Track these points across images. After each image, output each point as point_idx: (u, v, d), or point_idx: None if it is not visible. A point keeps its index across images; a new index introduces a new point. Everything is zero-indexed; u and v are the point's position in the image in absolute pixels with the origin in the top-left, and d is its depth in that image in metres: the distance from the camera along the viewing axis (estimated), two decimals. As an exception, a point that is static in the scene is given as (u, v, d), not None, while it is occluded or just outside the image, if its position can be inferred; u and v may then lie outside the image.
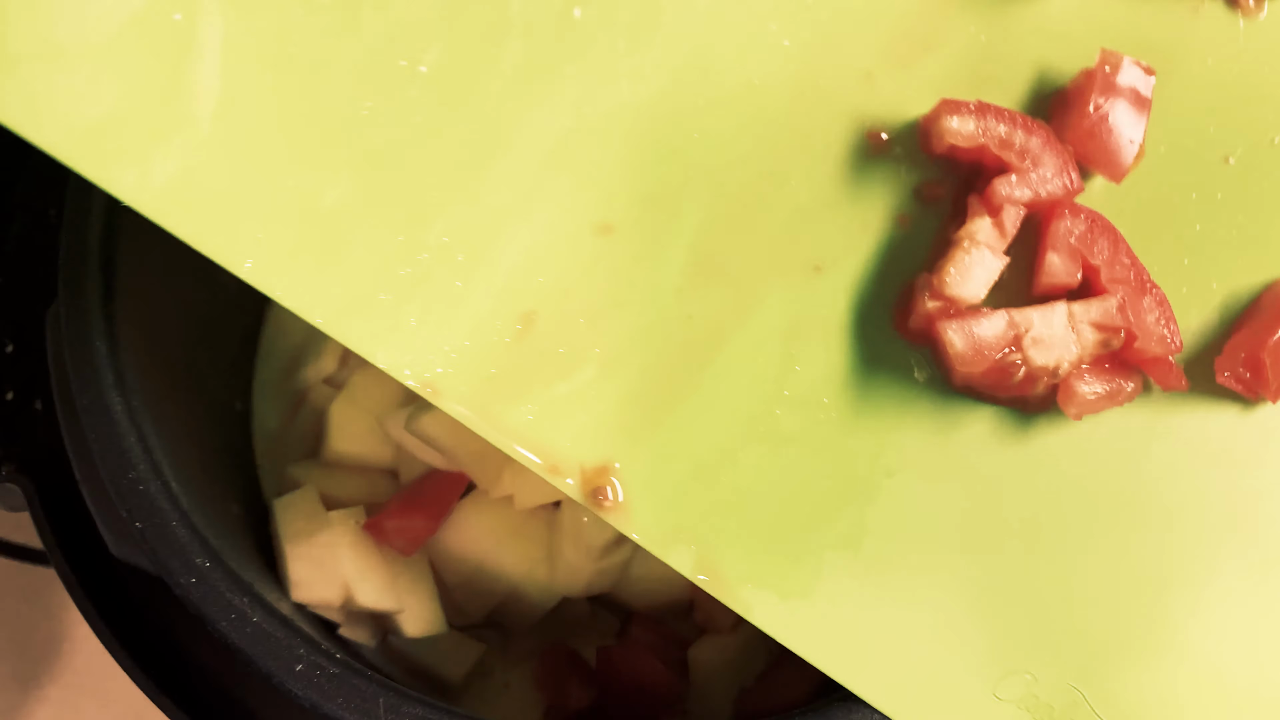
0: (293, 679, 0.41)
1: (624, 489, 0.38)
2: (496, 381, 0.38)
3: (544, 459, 0.38)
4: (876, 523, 0.39)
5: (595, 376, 0.38)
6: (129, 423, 0.44)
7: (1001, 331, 0.38)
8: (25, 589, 0.72)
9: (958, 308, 0.38)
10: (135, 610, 0.49)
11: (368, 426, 0.58)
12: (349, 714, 0.40)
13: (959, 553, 0.39)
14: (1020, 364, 0.38)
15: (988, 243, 0.39)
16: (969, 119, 0.40)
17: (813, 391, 0.39)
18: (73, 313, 0.45)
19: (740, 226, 0.40)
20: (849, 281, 0.40)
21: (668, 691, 0.55)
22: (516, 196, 0.38)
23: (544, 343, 0.38)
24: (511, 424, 0.38)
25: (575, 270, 0.39)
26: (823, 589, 0.38)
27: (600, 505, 0.38)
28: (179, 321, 0.53)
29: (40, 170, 0.56)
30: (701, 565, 0.38)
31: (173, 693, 0.47)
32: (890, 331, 0.40)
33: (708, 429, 0.39)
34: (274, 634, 0.41)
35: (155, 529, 0.43)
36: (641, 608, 0.58)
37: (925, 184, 0.41)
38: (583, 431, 0.38)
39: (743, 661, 0.57)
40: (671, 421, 0.39)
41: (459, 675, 0.55)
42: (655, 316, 0.39)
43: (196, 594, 0.42)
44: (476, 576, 0.54)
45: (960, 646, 0.39)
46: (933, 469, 0.40)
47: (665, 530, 0.38)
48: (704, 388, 0.39)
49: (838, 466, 0.39)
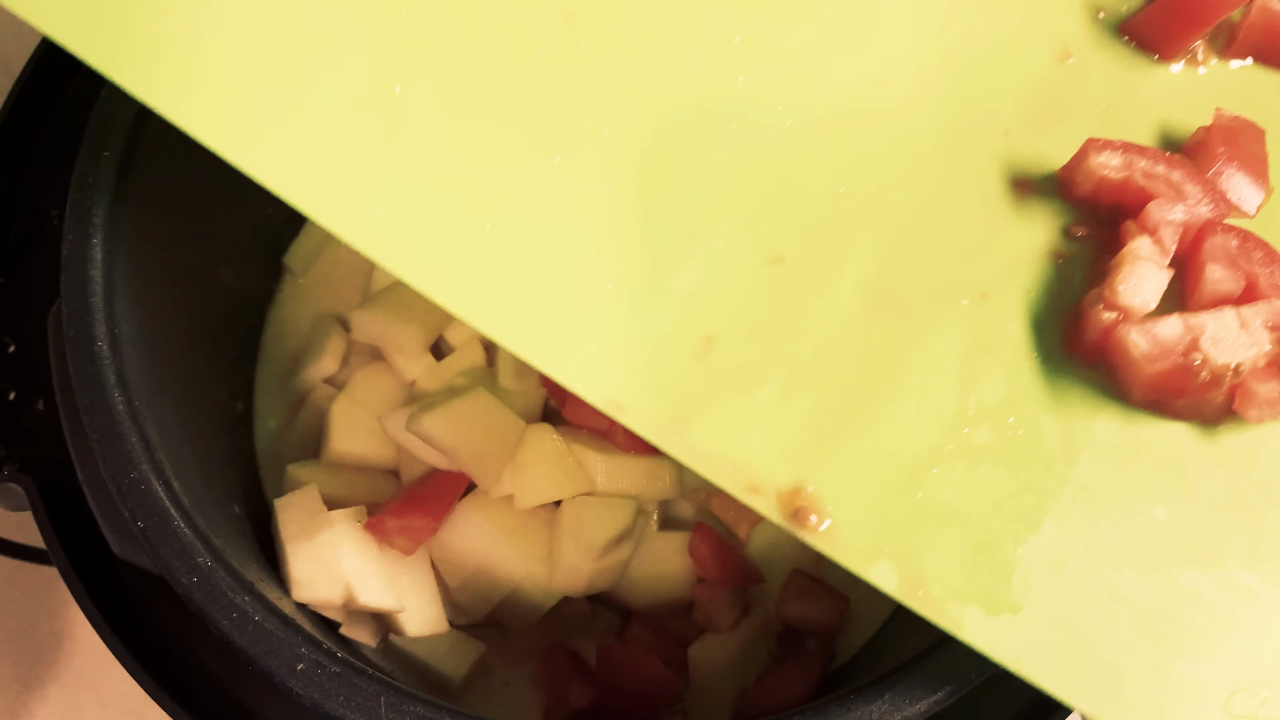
0: (294, 678, 0.41)
1: (823, 509, 0.38)
2: (680, 400, 0.39)
3: (740, 479, 0.38)
4: (1077, 535, 0.39)
5: (777, 395, 0.40)
6: (131, 423, 0.44)
7: (1180, 332, 0.40)
8: (27, 588, 0.72)
9: (1132, 316, 0.40)
10: (137, 609, 0.49)
11: (369, 426, 0.59)
12: (350, 713, 0.41)
13: (1165, 561, 0.39)
14: (1202, 363, 0.39)
15: (1150, 258, 0.41)
16: (1116, 154, 0.43)
17: (998, 410, 0.41)
18: (75, 313, 0.45)
19: (905, 259, 0.43)
20: (1015, 308, 0.42)
21: (668, 691, 0.55)
22: (692, 231, 0.41)
23: (724, 364, 0.40)
24: (699, 443, 0.39)
25: (750, 297, 0.41)
26: (1032, 603, 0.38)
27: (803, 526, 0.38)
28: (181, 322, 0.53)
29: (42, 171, 0.57)
30: (907, 583, 0.38)
31: (174, 692, 0.47)
32: (1061, 353, 0.42)
33: (897, 446, 0.40)
34: (275, 633, 0.42)
35: (157, 528, 0.43)
36: (641, 607, 0.58)
37: (1071, 226, 0.44)
38: (770, 449, 0.39)
39: (743, 661, 0.57)
40: (859, 439, 0.39)
41: (459, 674, 0.55)
42: (831, 339, 0.41)
43: (198, 593, 0.42)
44: (476, 576, 0.54)
45: (1183, 661, 0.38)
46: (1124, 483, 0.40)
47: (867, 549, 0.38)
48: (888, 406, 0.40)
49: (1033, 481, 0.40)
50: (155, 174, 0.49)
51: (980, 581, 0.38)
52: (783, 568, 0.59)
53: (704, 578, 0.58)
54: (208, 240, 0.56)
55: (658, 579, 0.58)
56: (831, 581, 0.60)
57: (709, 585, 0.57)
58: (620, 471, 0.57)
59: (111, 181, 0.46)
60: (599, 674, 0.56)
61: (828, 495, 0.38)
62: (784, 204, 0.43)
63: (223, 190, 0.56)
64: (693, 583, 0.58)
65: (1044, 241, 0.44)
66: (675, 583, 0.58)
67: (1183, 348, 0.39)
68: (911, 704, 0.41)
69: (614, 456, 0.57)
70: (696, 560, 0.57)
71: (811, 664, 0.56)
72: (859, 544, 0.38)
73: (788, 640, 0.58)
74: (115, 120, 0.47)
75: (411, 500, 0.54)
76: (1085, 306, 0.41)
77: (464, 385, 0.59)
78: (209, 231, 0.56)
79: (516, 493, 0.55)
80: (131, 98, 0.40)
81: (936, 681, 0.42)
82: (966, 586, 0.38)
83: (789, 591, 0.58)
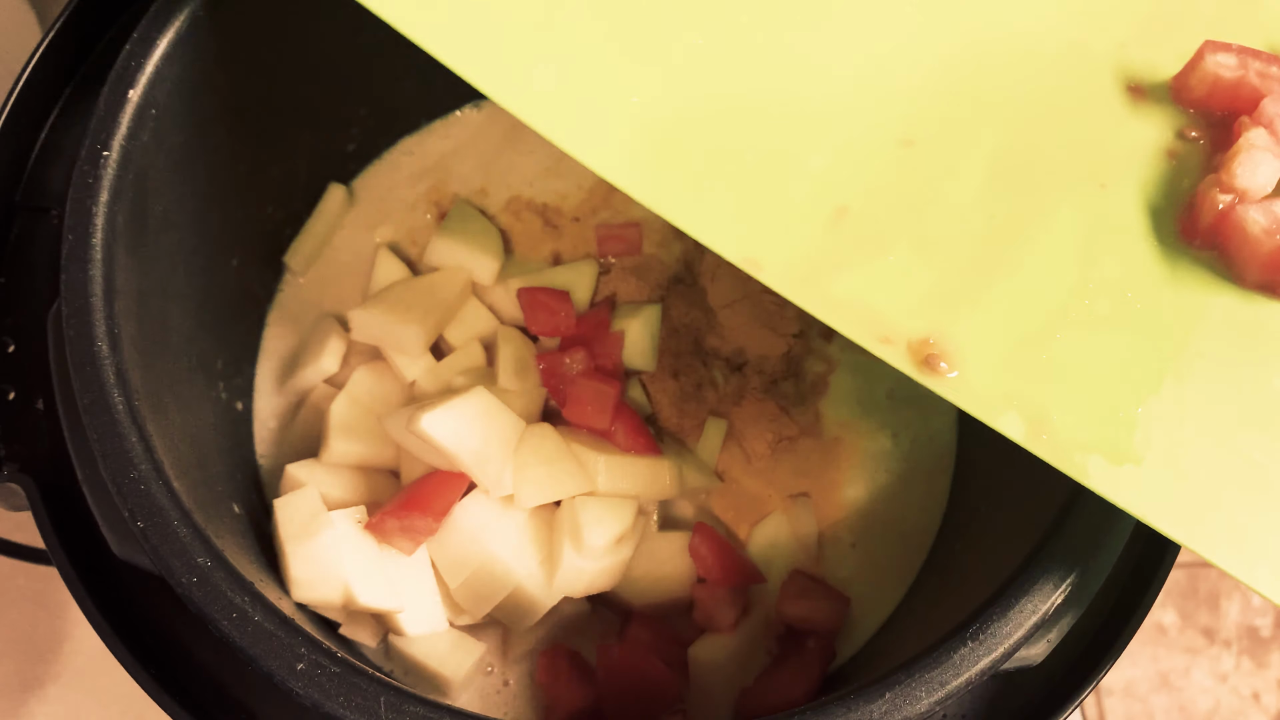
0: (294, 678, 0.41)
1: (951, 359, 0.41)
2: (814, 260, 0.42)
3: (871, 331, 0.41)
4: (1194, 401, 0.42)
5: (906, 260, 0.43)
6: (130, 422, 0.44)
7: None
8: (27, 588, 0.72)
9: (1249, 198, 0.43)
10: (136, 609, 0.49)
11: (368, 426, 0.59)
12: (350, 713, 0.41)
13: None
14: None
15: (1267, 147, 0.43)
16: (1232, 55, 0.46)
17: (1117, 284, 0.43)
18: (75, 313, 0.45)
19: (1026, 149, 0.46)
20: (1132, 197, 0.46)
21: (668, 691, 0.55)
22: (831, 112, 0.45)
23: (856, 230, 0.43)
24: (834, 297, 0.41)
25: (881, 174, 0.44)
26: (1154, 456, 0.41)
27: (934, 372, 0.40)
28: (180, 321, 0.53)
29: (42, 171, 0.57)
30: (1033, 431, 0.40)
31: (174, 692, 0.47)
32: (1177, 240, 0.45)
33: (1022, 310, 0.42)
34: (275, 633, 0.42)
35: (157, 528, 0.43)
36: (641, 607, 0.58)
37: (1184, 128, 0.47)
38: (902, 304, 0.42)
39: (743, 661, 0.57)
40: (986, 302, 0.42)
41: (459, 675, 0.55)
42: (958, 213, 0.44)
43: (198, 593, 0.42)
44: (476, 576, 0.54)
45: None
46: (1240, 354, 0.43)
47: (994, 398, 0.41)
48: (1012, 276, 0.43)
49: (1152, 348, 0.43)
50: (155, 174, 0.49)
51: (1103, 434, 0.41)
52: (783, 568, 0.59)
53: (704, 578, 0.58)
54: (207, 239, 0.56)
55: (658, 579, 0.58)
56: (832, 581, 0.60)
57: (709, 585, 0.57)
58: (620, 471, 0.57)
59: (111, 181, 0.46)
60: (599, 674, 0.56)
61: (955, 349, 0.41)
62: (916, 96, 0.46)
63: (223, 190, 0.56)
64: (693, 583, 0.58)
65: (1159, 141, 0.47)
66: (675, 583, 0.58)
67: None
68: (911, 704, 0.41)
69: (614, 456, 0.57)
70: (697, 560, 0.57)
71: (811, 664, 0.56)
72: (986, 394, 0.41)
73: (788, 640, 0.58)
74: (115, 120, 0.47)
75: (411, 500, 0.54)
76: (1202, 191, 0.44)
77: (464, 384, 0.59)
78: (209, 231, 0.56)
79: (516, 493, 0.55)
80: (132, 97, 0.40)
81: (936, 681, 0.42)
82: (1090, 438, 0.40)
83: (789, 591, 0.58)
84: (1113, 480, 0.40)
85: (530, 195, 0.66)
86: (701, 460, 0.61)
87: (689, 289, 0.64)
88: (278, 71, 0.56)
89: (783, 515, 0.60)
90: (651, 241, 0.65)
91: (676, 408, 0.62)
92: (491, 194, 0.66)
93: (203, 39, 0.49)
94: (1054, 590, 0.43)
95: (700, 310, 0.63)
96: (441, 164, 0.67)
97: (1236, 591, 1.00)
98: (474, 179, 0.67)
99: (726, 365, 0.62)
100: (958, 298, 0.42)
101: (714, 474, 0.61)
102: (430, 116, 0.67)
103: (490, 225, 0.65)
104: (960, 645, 0.42)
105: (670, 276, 0.64)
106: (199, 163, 0.53)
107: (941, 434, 0.62)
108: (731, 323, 0.63)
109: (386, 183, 0.67)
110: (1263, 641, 0.98)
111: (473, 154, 0.67)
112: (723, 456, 0.61)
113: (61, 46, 0.56)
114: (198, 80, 0.50)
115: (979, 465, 0.60)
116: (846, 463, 0.62)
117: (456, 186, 0.66)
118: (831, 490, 0.61)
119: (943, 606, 0.52)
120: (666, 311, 0.63)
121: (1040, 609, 0.42)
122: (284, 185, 0.62)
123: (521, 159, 0.67)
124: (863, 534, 0.60)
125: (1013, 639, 0.42)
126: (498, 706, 0.57)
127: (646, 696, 0.55)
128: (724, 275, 0.63)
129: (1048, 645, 0.45)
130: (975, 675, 0.42)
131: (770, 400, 0.62)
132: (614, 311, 0.63)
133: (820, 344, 0.63)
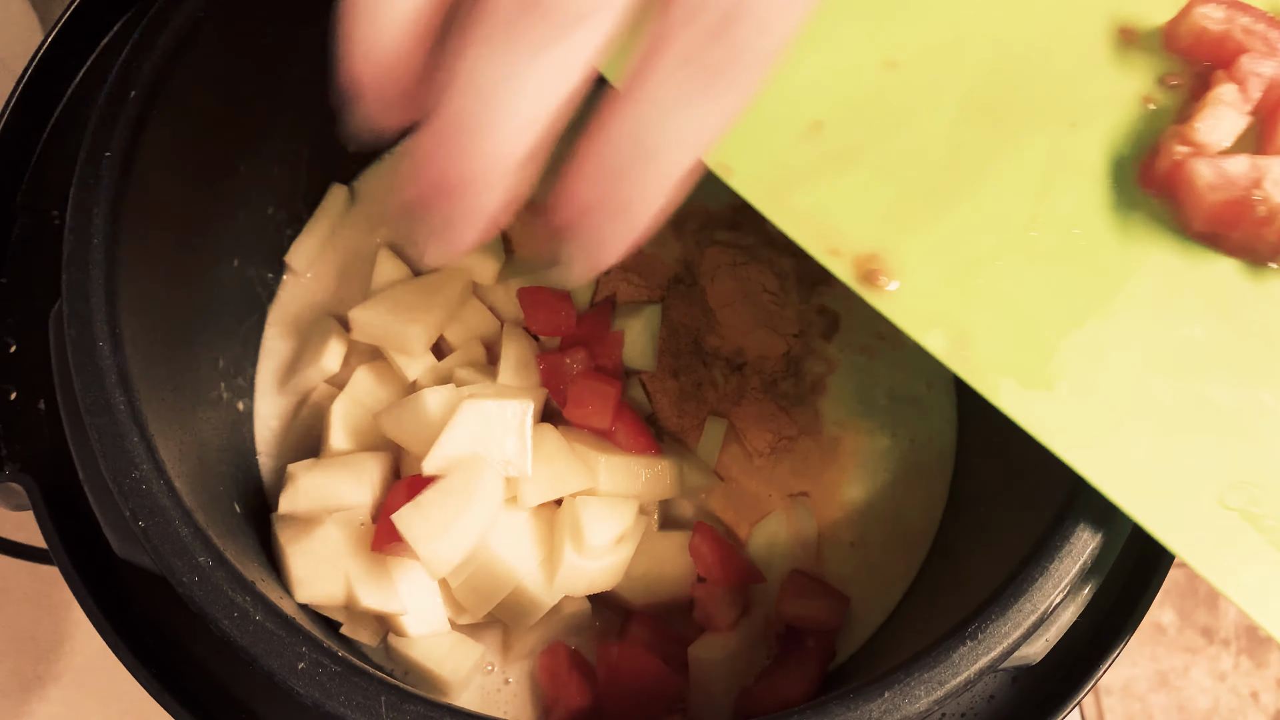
0: (295, 677, 0.41)
1: (892, 275, 0.43)
2: (782, 171, 0.44)
3: (823, 242, 0.43)
4: (1114, 339, 0.43)
5: (870, 178, 0.44)
6: (132, 422, 0.44)
7: (1246, 169, 0.43)
8: (28, 588, 0.72)
9: (1204, 151, 0.44)
10: (138, 609, 0.49)
11: (369, 426, 0.59)
12: (351, 712, 0.41)
13: (1193, 372, 0.43)
14: (1262, 200, 0.43)
15: (1233, 103, 0.44)
16: (1220, 8, 0.46)
17: (1066, 221, 0.45)
18: (76, 313, 0.45)
19: (1007, 81, 0.47)
20: (1100, 140, 0.46)
21: (668, 690, 0.55)
22: (820, 25, 0.44)
23: (827, 145, 0.44)
24: (794, 208, 0.43)
25: (860, 93, 0.46)
26: (1064, 385, 0.42)
27: (873, 285, 0.42)
28: (182, 321, 0.53)
29: (42, 171, 0.57)
30: (954, 349, 0.42)
31: (175, 691, 0.48)
32: (1135, 186, 0.46)
33: (970, 236, 0.44)
34: (276, 633, 0.42)
35: (158, 528, 0.43)
36: (641, 607, 0.58)
37: (1168, 75, 0.47)
38: (856, 222, 0.44)
39: (743, 661, 0.57)
40: (936, 225, 0.44)
41: (460, 675, 0.55)
42: (928, 138, 0.45)
43: (199, 593, 0.42)
44: (476, 576, 0.55)
45: (1190, 455, 0.42)
46: (1170, 301, 0.44)
47: (925, 315, 0.43)
48: (968, 203, 0.44)
49: (1086, 285, 0.44)
50: (156, 174, 0.49)
51: (1021, 359, 0.43)
52: (783, 568, 0.60)
53: (704, 577, 0.58)
54: (209, 239, 0.56)
55: (658, 579, 0.58)
56: (831, 581, 0.60)
57: (709, 585, 0.57)
58: (621, 471, 0.57)
59: (112, 181, 0.46)
60: (599, 674, 0.56)
61: (898, 266, 0.43)
62: (906, 18, 0.47)
63: (224, 189, 0.56)
64: (693, 582, 0.58)
65: (1139, 87, 0.47)
66: (675, 582, 0.58)
67: (1245, 183, 0.43)
68: (911, 703, 0.41)
69: (615, 456, 0.57)
70: (697, 560, 0.58)
71: (811, 663, 0.56)
72: (917, 311, 0.43)
73: (788, 640, 0.58)
74: (116, 120, 0.47)
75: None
76: (1164, 140, 0.45)
77: (466, 378, 0.59)
78: (210, 231, 0.56)
79: (517, 493, 0.55)
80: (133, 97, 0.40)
81: (935, 680, 0.42)
82: (1007, 361, 0.43)
83: (789, 591, 0.58)
84: (1021, 403, 0.42)
85: (530, 195, 0.66)
86: (702, 460, 0.61)
87: (689, 289, 0.64)
88: (279, 71, 0.56)
89: (782, 515, 0.60)
90: (651, 241, 0.65)
91: (676, 407, 0.62)
92: (492, 194, 0.66)
93: (204, 39, 0.49)
94: (1053, 589, 0.43)
95: (700, 310, 0.63)
96: (442, 164, 0.67)
97: (1235, 591, 1.00)
98: (474, 179, 0.67)
99: (726, 365, 0.63)
100: (910, 219, 0.44)
101: (714, 474, 0.61)
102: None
103: (490, 225, 0.65)
104: (959, 644, 0.42)
105: (670, 276, 0.64)
106: (200, 163, 0.53)
107: (941, 434, 0.62)
108: (731, 323, 0.63)
109: (387, 183, 0.67)
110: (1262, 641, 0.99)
111: (473, 154, 0.67)
112: (723, 456, 0.62)
113: (63, 47, 0.56)
114: (199, 81, 0.50)
115: (979, 465, 0.60)
116: (846, 463, 0.62)
117: (457, 187, 0.67)
118: (831, 490, 0.61)
119: (942, 606, 0.52)
120: (666, 311, 0.63)
121: (1039, 608, 0.43)
122: (285, 185, 0.62)
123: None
124: (862, 534, 0.61)
125: (1011, 638, 0.42)
126: (498, 705, 0.57)
127: (646, 696, 0.55)
128: (724, 275, 0.63)
129: (1046, 644, 0.46)
130: (974, 674, 0.42)
131: (770, 400, 0.62)
132: (614, 311, 0.63)
133: (820, 344, 0.63)
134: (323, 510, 0.53)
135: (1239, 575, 0.41)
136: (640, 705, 0.55)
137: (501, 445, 0.53)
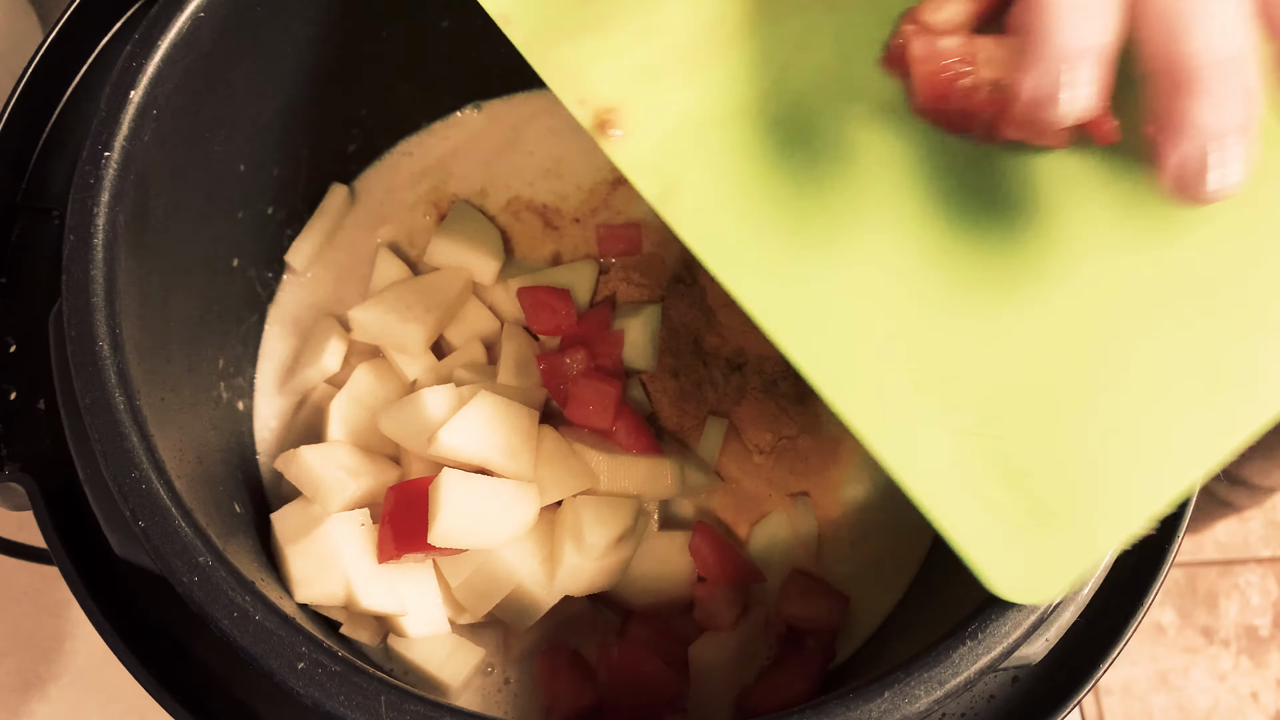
0: (295, 677, 0.41)
1: (621, 126, 0.46)
2: (555, 27, 0.47)
3: (574, 92, 0.46)
4: (838, 206, 0.45)
5: (629, 41, 0.47)
6: (131, 422, 0.44)
7: (958, 45, 0.44)
8: (28, 588, 0.72)
9: (929, 30, 0.45)
10: (138, 609, 0.49)
11: (369, 425, 0.59)
12: (351, 712, 0.41)
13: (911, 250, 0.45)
14: (970, 71, 0.44)
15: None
16: None
17: (800, 94, 0.47)
18: (75, 313, 0.45)
19: None
20: (852, 18, 0.48)
21: (668, 690, 0.55)
22: None
23: (598, 10, 0.47)
24: (556, 59, 0.47)
25: None
26: (765, 245, 0.45)
27: (603, 133, 0.46)
28: (181, 321, 0.53)
29: (42, 171, 0.57)
30: (664, 196, 0.45)
31: (175, 691, 0.48)
32: (876, 66, 0.47)
33: (707, 99, 0.46)
34: (276, 633, 0.42)
35: (158, 528, 0.43)
36: (642, 607, 0.58)
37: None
38: (608, 76, 0.47)
39: (743, 660, 0.57)
40: (675, 89, 0.47)
41: (458, 680, 0.55)
42: (691, 11, 0.47)
43: (199, 593, 0.42)
44: (477, 576, 0.55)
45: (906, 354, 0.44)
46: (897, 179, 0.45)
47: (643, 164, 0.46)
48: (710, 72, 0.47)
49: (802, 157, 0.46)
50: (156, 174, 0.49)
51: (722, 219, 0.45)
52: (783, 567, 0.60)
53: (704, 577, 0.58)
54: (209, 239, 0.56)
55: (658, 578, 0.58)
56: (831, 581, 0.60)
57: (709, 585, 0.57)
58: (621, 471, 0.57)
59: (113, 182, 0.46)
60: (599, 674, 0.56)
61: (632, 119, 0.46)
62: None
63: (225, 190, 0.56)
64: (693, 582, 0.58)
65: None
66: (675, 582, 0.58)
67: (958, 56, 0.44)
68: (910, 702, 0.41)
69: (615, 456, 0.58)
70: (697, 559, 0.58)
71: (811, 663, 0.56)
72: (637, 159, 0.46)
73: (788, 639, 0.58)
74: (116, 120, 0.47)
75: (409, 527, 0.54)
76: (902, 21, 0.46)
77: (465, 378, 0.59)
78: (210, 230, 0.56)
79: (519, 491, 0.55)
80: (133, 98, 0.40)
81: (935, 680, 0.42)
82: (709, 217, 0.45)
83: (789, 591, 0.58)
84: (718, 255, 0.45)
85: (530, 196, 0.66)
86: (702, 460, 0.61)
87: (689, 289, 0.64)
88: (279, 72, 0.56)
89: (783, 515, 0.60)
90: (651, 241, 0.65)
91: (676, 407, 0.62)
92: (491, 195, 0.66)
93: (204, 40, 0.49)
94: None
95: (700, 310, 0.63)
96: (442, 165, 0.67)
97: (1235, 591, 1.00)
98: (474, 180, 0.67)
99: (726, 365, 0.63)
100: (654, 80, 0.47)
101: (714, 473, 0.61)
102: (431, 117, 0.67)
103: (490, 225, 0.65)
104: (959, 644, 0.42)
105: (670, 276, 0.64)
106: (200, 163, 0.53)
107: (941, 434, 0.62)
108: (731, 323, 0.63)
109: (387, 183, 0.67)
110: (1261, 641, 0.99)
111: (473, 155, 0.67)
112: (723, 456, 0.62)
113: (63, 47, 0.56)
114: (199, 80, 0.50)
115: (978, 465, 0.60)
116: (846, 462, 0.62)
117: (456, 187, 0.67)
118: (831, 490, 0.61)
119: (942, 605, 0.52)
120: (666, 311, 0.63)
121: (1039, 607, 0.43)
122: (285, 185, 0.62)
123: (521, 160, 0.67)
124: (862, 533, 0.61)
125: (1011, 638, 0.42)
126: (498, 705, 0.57)
127: (646, 696, 0.55)
128: (723, 275, 0.63)
129: (1046, 644, 0.46)
130: (974, 674, 0.42)
131: (770, 400, 0.62)
132: (614, 311, 0.63)
133: (820, 344, 0.63)
134: (319, 484, 0.54)
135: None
136: (640, 705, 0.55)
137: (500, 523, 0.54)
